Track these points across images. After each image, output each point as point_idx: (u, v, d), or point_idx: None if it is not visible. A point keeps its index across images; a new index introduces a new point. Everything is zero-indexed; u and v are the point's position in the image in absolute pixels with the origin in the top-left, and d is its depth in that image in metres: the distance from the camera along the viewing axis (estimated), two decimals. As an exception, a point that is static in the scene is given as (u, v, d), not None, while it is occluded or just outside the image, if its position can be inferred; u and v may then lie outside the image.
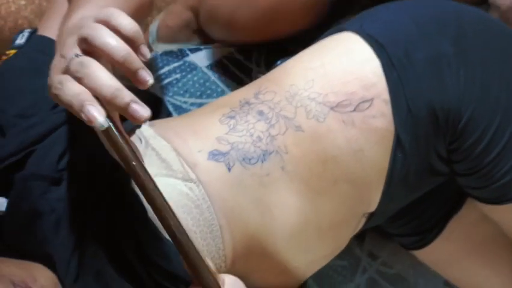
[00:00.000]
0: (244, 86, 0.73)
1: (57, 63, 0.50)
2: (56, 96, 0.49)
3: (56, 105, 0.61)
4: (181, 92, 0.88)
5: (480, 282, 0.88)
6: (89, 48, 0.48)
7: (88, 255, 0.57)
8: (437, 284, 0.97)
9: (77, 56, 0.48)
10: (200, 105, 0.88)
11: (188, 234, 0.50)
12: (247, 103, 0.67)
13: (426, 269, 0.93)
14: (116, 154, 0.48)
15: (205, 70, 0.91)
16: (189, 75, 0.90)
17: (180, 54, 0.92)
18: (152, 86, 0.93)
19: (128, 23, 0.47)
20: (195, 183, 0.61)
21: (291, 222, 0.65)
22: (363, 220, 0.74)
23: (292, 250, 0.67)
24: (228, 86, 0.91)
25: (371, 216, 0.73)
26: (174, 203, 0.58)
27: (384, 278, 0.95)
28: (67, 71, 0.48)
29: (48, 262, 0.56)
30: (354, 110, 0.64)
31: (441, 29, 0.66)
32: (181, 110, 0.87)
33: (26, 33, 0.66)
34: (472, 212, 0.83)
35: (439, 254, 0.88)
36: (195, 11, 0.88)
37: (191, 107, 0.88)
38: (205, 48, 0.94)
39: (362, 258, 0.95)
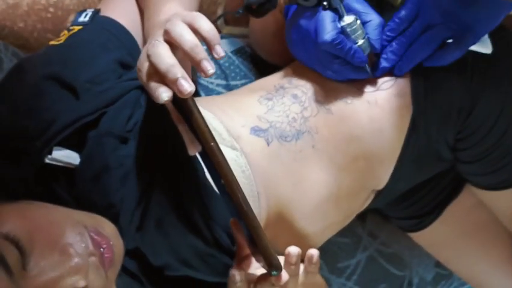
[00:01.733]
0: (276, 73, 0.80)
1: (144, 49, 0.57)
2: (138, 77, 0.56)
3: (121, 76, 0.68)
4: (208, 73, 0.94)
5: (470, 264, 0.95)
6: (169, 39, 0.55)
7: (152, 203, 0.63)
8: (429, 264, 1.04)
9: (156, 41, 0.55)
10: (225, 86, 0.94)
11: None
12: (282, 87, 0.74)
13: (421, 250, 1.00)
14: (198, 133, 0.54)
15: (230, 55, 0.97)
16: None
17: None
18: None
19: (207, 26, 0.54)
20: (239, 152, 0.68)
21: (318, 194, 0.72)
22: (372, 196, 0.81)
23: (314, 218, 0.74)
24: (249, 70, 0.97)
25: (378, 194, 0.81)
26: None
27: (382, 256, 1.02)
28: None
29: (111, 214, 0.61)
30: (378, 90, 0.72)
31: None
32: (207, 90, 0.93)
33: (89, 13, 0.72)
34: (468, 198, 0.91)
35: (435, 236, 0.95)
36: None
37: (217, 88, 0.94)
38: (227, 37, 1.00)
39: (363, 237, 1.02)
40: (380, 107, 0.71)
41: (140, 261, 0.63)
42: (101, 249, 0.56)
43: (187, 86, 0.52)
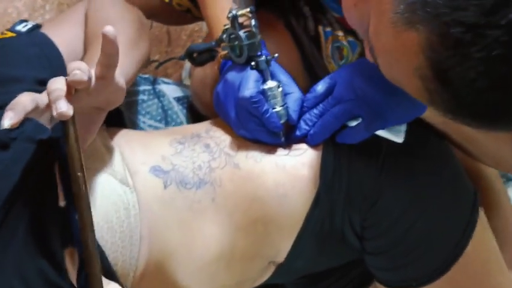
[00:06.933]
0: (199, 123, 0.79)
1: None
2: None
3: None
4: (143, 112, 0.94)
5: None
6: None
7: (11, 215, 0.60)
8: None
9: None
10: (156, 128, 0.93)
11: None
12: (198, 136, 0.74)
13: None
14: (68, 159, 0.54)
15: (172, 100, 0.97)
16: (156, 100, 0.96)
17: (153, 81, 0.99)
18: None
19: (53, 86, 0.55)
20: (130, 188, 0.66)
21: (208, 251, 0.69)
22: (272, 268, 0.77)
23: (199, 278, 0.70)
24: (187, 119, 0.97)
25: (279, 267, 0.77)
26: (106, 197, 0.63)
27: None
28: None
29: None
30: (288, 155, 0.71)
31: None
32: (137, 128, 0.92)
33: (29, 25, 0.72)
34: (372, 298, 0.89)
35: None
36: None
37: (148, 128, 0.93)
38: (174, 84, 1.01)
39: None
40: (287, 172, 0.71)
41: None
42: None
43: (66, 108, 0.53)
